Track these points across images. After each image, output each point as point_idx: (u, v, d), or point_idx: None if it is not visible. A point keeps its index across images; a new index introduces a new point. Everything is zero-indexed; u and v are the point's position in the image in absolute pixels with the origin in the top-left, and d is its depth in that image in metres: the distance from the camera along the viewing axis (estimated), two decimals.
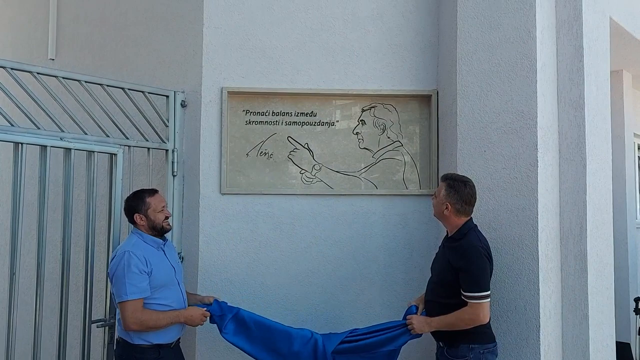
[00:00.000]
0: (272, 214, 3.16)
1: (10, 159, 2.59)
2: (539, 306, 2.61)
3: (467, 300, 2.37)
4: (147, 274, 2.48)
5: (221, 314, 2.65)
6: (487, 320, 2.41)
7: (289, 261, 3.15)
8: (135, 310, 2.44)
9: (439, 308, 2.48)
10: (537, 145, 2.68)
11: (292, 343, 2.59)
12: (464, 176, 2.59)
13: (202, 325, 2.65)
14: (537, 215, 2.65)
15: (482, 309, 2.35)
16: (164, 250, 2.66)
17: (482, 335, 2.44)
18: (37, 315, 2.65)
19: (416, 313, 2.54)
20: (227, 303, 2.70)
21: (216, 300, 2.69)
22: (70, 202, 2.79)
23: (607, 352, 2.93)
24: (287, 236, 3.16)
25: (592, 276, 2.75)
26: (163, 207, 2.64)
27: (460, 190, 2.50)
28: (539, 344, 2.60)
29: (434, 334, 2.54)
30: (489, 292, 2.39)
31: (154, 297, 2.51)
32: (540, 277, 2.63)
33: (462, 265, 2.39)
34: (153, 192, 2.67)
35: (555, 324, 2.70)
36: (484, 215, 2.80)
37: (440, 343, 2.50)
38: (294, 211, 3.17)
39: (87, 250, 2.85)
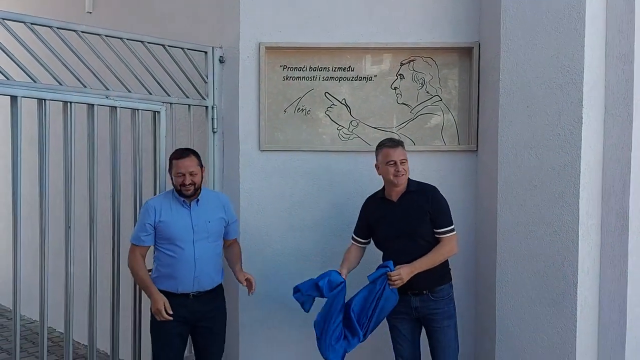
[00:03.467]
0: (310, 170, 3.21)
1: (61, 118, 2.68)
2: (577, 262, 2.63)
3: (444, 236, 2.63)
4: (151, 225, 2.65)
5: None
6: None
7: (326, 217, 3.22)
8: (131, 253, 2.69)
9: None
10: (582, 102, 2.61)
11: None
12: None
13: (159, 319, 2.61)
14: (580, 172, 2.62)
15: (456, 239, 2.68)
16: (189, 209, 2.70)
17: (451, 273, 2.74)
18: (92, 264, 2.82)
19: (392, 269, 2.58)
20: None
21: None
22: (118, 158, 2.89)
23: None
24: (325, 192, 3.21)
25: (632, 234, 2.72)
26: (178, 173, 2.63)
27: None
28: (576, 299, 2.63)
29: (415, 287, 2.61)
30: None
31: (162, 245, 2.68)
32: (579, 233, 2.63)
33: (437, 206, 2.65)
34: (181, 155, 2.67)
35: (592, 280, 2.72)
36: (525, 172, 2.78)
37: (425, 291, 2.63)
38: (331, 168, 3.20)
39: (134, 202, 2.97)
